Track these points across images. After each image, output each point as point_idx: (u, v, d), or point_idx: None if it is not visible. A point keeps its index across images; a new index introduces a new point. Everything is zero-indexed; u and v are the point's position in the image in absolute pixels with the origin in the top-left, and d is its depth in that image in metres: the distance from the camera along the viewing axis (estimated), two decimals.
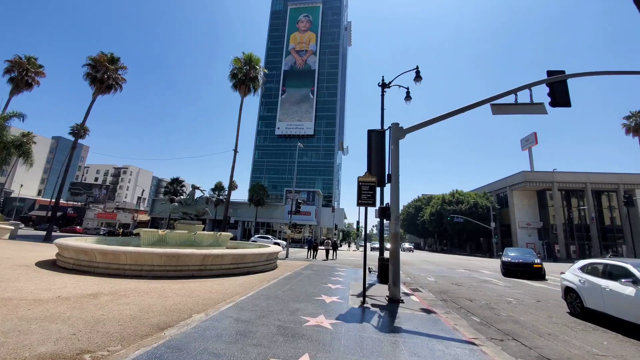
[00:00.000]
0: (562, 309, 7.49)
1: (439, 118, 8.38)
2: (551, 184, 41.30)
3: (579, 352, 4.42)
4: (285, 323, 4.76)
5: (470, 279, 13.27)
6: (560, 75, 8.06)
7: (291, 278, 9.90)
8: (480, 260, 29.79)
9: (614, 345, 4.81)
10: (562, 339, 5.11)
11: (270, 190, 61.34)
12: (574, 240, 40.77)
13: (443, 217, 48.03)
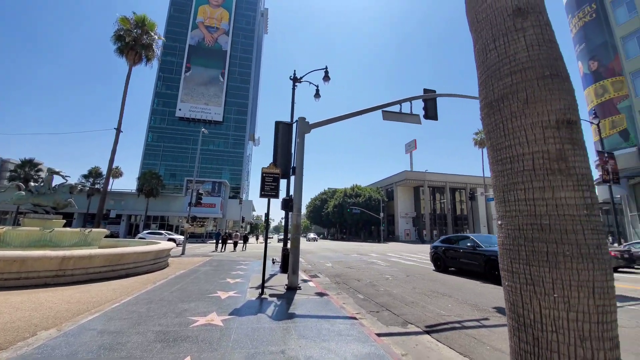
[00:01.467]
0: (424, 281, 9.42)
1: (341, 117, 9.09)
2: (423, 182, 51.08)
3: (432, 315, 5.62)
4: (167, 327, 4.27)
5: (360, 262, 15.12)
6: (430, 95, 9.97)
7: (184, 276, 9.00)
8: (370, 246, 34.36)
9: (455, 307, 6.32)
10: (421, 305, 6.39)
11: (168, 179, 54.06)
12: (436, 226, 51.83)
13: (344, 208, 53.01)
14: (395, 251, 24.26)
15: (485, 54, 2.05)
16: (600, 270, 1.57)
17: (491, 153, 2.02)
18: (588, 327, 1.53)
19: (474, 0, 2.18)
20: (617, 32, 21.15)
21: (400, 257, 18.70)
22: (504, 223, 1.90)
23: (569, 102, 1.77)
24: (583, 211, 1.64)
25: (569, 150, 1.70)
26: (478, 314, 5.67)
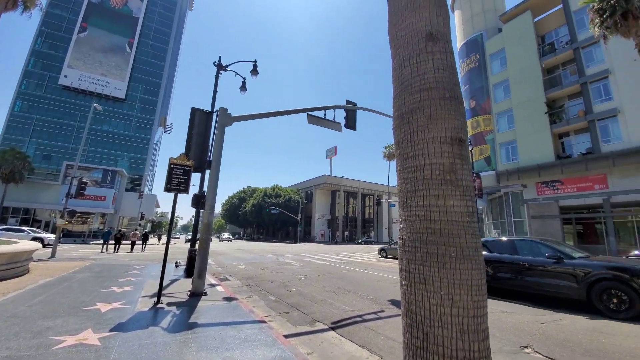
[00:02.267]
0: (334, 279, 9.95)
1: (266, 114, 8.84)
2: (340, 186, 54.73)
3: (338, 311, 5.93)
4: (18, 352, 3.24)
5: (275, 263, 14.99)
6: (351, 106, 10.75)
7: (51, 286, 7.10)
8: (286, 246, 34.65)
9: (358, 302, 6.84)
10: (329, 302, 6.69)
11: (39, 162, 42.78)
12: (347, 227, 56.12)
13: (263, 208, 51.97)
14: (309, 251, 25.07)
15: (401, 69, 2.24)
16: (477, 270, 1.84)
17: (399, 161, 2.20)
18: (467, 321, 1.75)
19: (395, 19, 2.38)
20: (490, 80, 27.36)
21: (314, 257, 19.41)
22: (405, 227, 2.07)
23: (461, 123, 2.07)
24: (466, 218, 1.91)
25: (459, 164, 1.97)
26: (376, 307, 6.29)
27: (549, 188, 21.22)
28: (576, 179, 19.95)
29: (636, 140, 17.66)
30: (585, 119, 20.23)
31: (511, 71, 25.28)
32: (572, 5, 21.72)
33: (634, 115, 18.00)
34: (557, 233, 20.23)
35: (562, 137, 22.58)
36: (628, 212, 18.33)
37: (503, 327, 5.09)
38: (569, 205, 20.30)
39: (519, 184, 22.85)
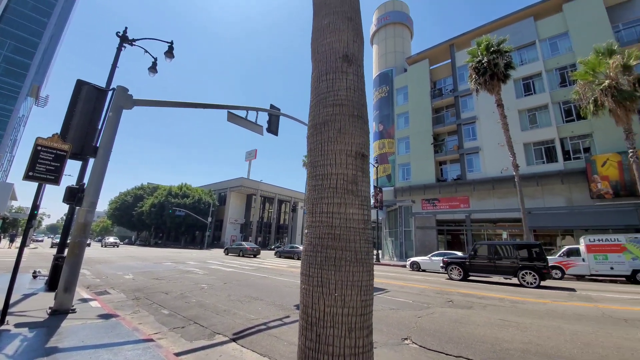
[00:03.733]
0: (241, 287, 9.49)
1: (177, 103, 7.93)
2: (257, 190, 53.37)
3: (241, 321, 5.65)
4: None
5: (174, 272, 13.33)
6: (274, 111, 10.76)
7: None
8: (191, 252, 31.33)
9: (265, 309, 6.68)
10: (232, 312, 6.31)
11: None
12: (261, 233, 54.88)
13: (166, 209, 45.80)
14: (217, 258, 23.33)
15: (319, 82, 2.40)
16: (367, 272, 2.06)
17: (310, 169, 2.32)
18: (355, 320, 1.91)
19: (317, 35, 2.56)
20: (395, 110, 31.96)
21: (222, 263, 18.16)
22: (309, 232, 2.18)
23: (365, 140, 2.33)
24: (362, 225, 2.13)
25: (360, 176, 2.20)
26: (282, 313, 6.30)
27: (430, 204, 25.87)
28: (449, 198, 24.97)
29: (489, 172, 23.41)
30: (458, 153, 25.71)
31: (411, 106, 30.10)
32: (458, 61, 27.58)
33: (489, 154, 23.86)
34: (433, 241, 24.73)
35: (441, 164, 28.04)
36: (481, 226, 23.96)
37: (390, 322, 5.83)
38: (443, 219, 25.20)
39: (410, 199, 27.05)
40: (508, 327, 5.60)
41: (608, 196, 17.94)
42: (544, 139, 21.75)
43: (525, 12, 24.74)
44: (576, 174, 19.59)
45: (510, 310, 7.13)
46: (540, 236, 21.20)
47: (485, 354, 4.22)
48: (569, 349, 4.46)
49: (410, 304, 7.56)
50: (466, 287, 10.92)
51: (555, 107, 21.74)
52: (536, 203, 20.63)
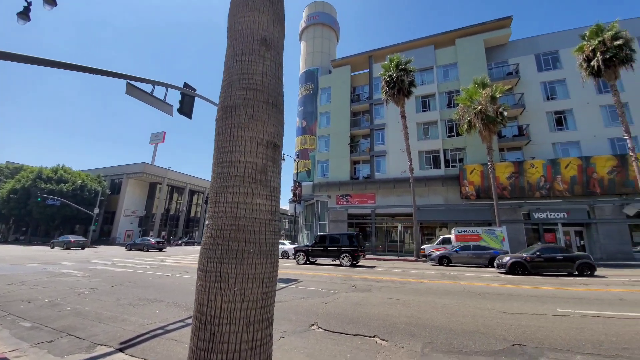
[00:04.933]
0: (136, 288, 8.23)
1: (55, 63, 6.23)
2: (163, 179, 47.21)
3: (133, 327, 4.89)
4: None
5: (42, 275, 10.58)
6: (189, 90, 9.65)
7: None
8: (67, 252, 25.39)
9: (164, 311, 5.95)
10: (121, 318, 5.42)
11: None
12: (166, 227, 48.93)
13: (33, 196, 35.73)
14: (105, 257, 19.63)
15: (233, 62, 2.22)
16: (271, 264, 2.01)
17: (216, 155, 2.13)
18: (254, 313, 1.85)
19: (235, 10, 2.35)
20: (319, 108, 33.19)
21: (112, 263, 15.39)
22: (210, 223, 2.01)
23: (279, 130, 2.26)
24: (269, 216, 2.06)
25: (270, 167, 2.12)
26: (185, 313, 5.78)
27: (343, 200, 28.02)
28: (359, 195, 27.55)
29: (392, 173, 26.80)
30: (369, 154, 28.57)
31: (333, 106, 31.76)
32: (374, 72, 30.42)
33: (393, 157, 27.27)
34: None
35: (355, 163, 30.66)
36: (383, 220, 27.30)
37: (299, 310, 6.07)
38: (354, 213, 27.66)
39: (326, 194, 28.67)
40: (397, 305, 6.60)
41: (472, 197, 23.05)
42: (433, 149, 26.30)
43: (428, 39, 29.19)
44: (452, 179, 24.43)
45: (399, 290, 8.41)
46: (425, 227, 25.66)
47: (378, 329, 4.86)
48: (439, 319, 5.55)
49: (320, 292, 8.05)
50: (369, 273, 12.30)
51: (442, 123, 26.53)
52: (424, 201, 24.82)
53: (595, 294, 7.97)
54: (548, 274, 12.64)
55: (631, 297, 7.46)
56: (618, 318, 5.48)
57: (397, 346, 4.15)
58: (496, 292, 8.24)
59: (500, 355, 3.84)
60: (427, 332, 4.73)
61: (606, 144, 21.97)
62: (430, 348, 4.08)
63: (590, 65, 19.00)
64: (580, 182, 20.67)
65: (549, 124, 23.96)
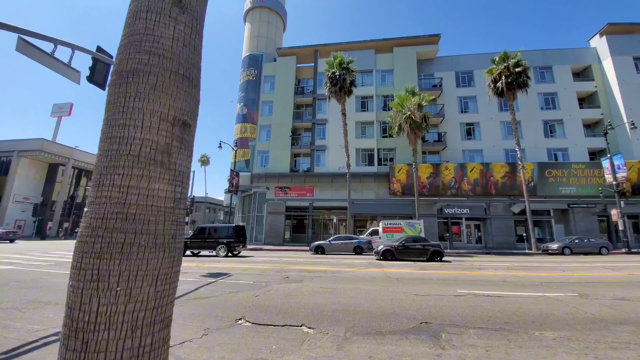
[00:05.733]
0: (26, 289, 6.72)
1: None
2: (68, 159, 39.63)
3: (16, 335, 4.00)
4: None
5: None
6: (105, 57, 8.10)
7: None
8: None
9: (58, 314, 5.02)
10: (2, 325, 4.42)
11: None
12: (70, 217, 41.39)
13: None
14: None
15: (135, 19, 1.87)
16: (169, 258, 1.75)
17: (105, 128, 1.78)
18: (143, 315, 1.59)
19: None
20: (262, 97, 32.02)
21: None
22: (90, 211, 1.67)
23: (191, 107, 1.96)
24: (171, 204, 1.79)
25: (176, 147, 1.83)
26: None
27: (282, 192, 27.90)
28: (298, 187, 27.78)
29: (331, 168, 27.70)
30: (310, 148, 28.95)
31: (276, 96, 31.07)
32: (319, 67, 30.70)
33: (332, 152, 28.17)
34: (281, 225, 26.92)
35: (296, 156, 30.74)
36: (320, 213, 28.14)
37: (227, 305, 5.83)
38: (292, 205, 27.81)
39: (265, 186, 28.12)
40: (326, 293, 6.90)
41: (399, 194, 25.49)
42: (368, 147, 28.12)
43: (370, 43, 30.76)
44: (383, 176, 26.58)
45: (330, 279, 8.81)
46: (358, 220, 27.42)
47: (306, 318, 5.00)
48: (363, 304, 6.00)
49: (251, 285, 7.88)
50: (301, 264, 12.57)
51: (378, 124, 28.51)
52: (358, 195, 26.45)
53: (486, 277, 9.69)
54: (411, 259, 15.12)
55: (513, 279, 9.29)
56: (502, 297, 6.75)
57: (322, 333, 4.34)
58: (412, 277, 9.33)
59: (410, 333, 4.35)
60: (351, 317, 5.07)
61: (502, 153, 26.72)
62: (352, 332, 4.38)
63: (496, 86, 22.76)
64: (481, 184, 24.75)
65: (461, 133, 27.93)
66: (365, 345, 3.89)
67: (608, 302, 6.09)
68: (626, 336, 4.15)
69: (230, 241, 15.90)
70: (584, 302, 6.13)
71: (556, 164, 24.97)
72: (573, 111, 27.16)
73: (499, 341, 4.05)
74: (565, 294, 6.85)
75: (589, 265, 12.79)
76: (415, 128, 22.48)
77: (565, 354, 3.59)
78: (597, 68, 27.82)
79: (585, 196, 23.79)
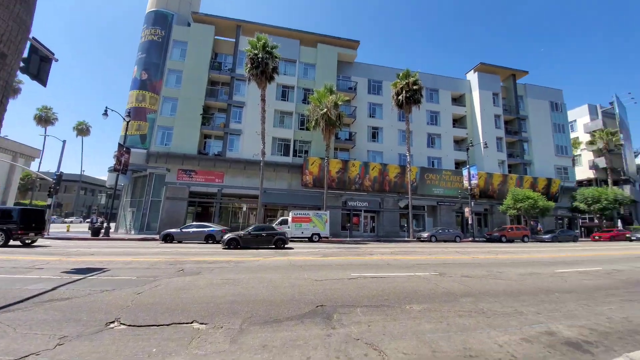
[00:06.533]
0: None
1: None
2: None
3: None
4: None
5: None
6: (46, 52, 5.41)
7: None
8: None
9: None
10: None
11: None
12: None
13: None
14: None
15: None
16: None
17: None
18: None
19: None
20: (168, 64, 27.44)
21: None
22: None
23: (11, 30, 1.52)
24: None
25: None
26: None
27: (186, 175, 25.07)
28: (207, 172, 25.51)
29: (245, 154, 26.44)
30: (223, 130, 26.87)
31: (187, 66, 27.38)
32: (241, 45, 28.52)
33: (248, 138, 26.87)
34: (182, 212, 24.24)
35: (206, 137, 28.06)
36: (230, 200, 26.60)
37: (97, 307, 4.81)
38: (197, 191, 25.34)
39: (165, 167, 24.69)
40: (225, 285, 6.55)
41: (310, 185, 26.53)
42: (285, 137, 28.12)
43: (296, 33, 30.46)
44: (297, 167, 27.14)
45: (232, 270, 8.42)
46: (269, 210, 27.25)
47: (198, 313, 4.59)
48: (264, 292, 5.94)
49: (134, 281, 6.75)
50: (199, 255, 11.59)
51: (296, 116, 28.79)
52: (271, 184, 26.23)
53: (375, 261, 11.10)
54: (256, 247, 14.95)
55: (394, 262, 10.92)
56: (385, 277, 7.84)
57: (216, 327, 4.07)
58: (315, 264, 9.86)
59: (306, 317, 4.55)
60: (250, 307, 4.95)
61: (397, 156, 31.06)
62: (249, 322, 4.27)
63: (398, 98, 26.18)
64: (379, 181, 28.24)
65: (368, 135, 31.08)
66: (262, 334, 3.85)
67: (458, 279, 7.87)
68: (469, 306, 5.43)
69: (12, 227, 13.45)
70: (442, 279, 7.74)
71: (433, 169, 30.72)
72: (448, 129, 33.86)
73: (379, 316, 4.68)
74: (430, 273, 8.50)
75: (447, 250, 16.30)
76: (330, 125, 23.68)
77: (427, 323, 4.42)
78: (469, 97, 35.39)
79: (449, 196, 30.17)
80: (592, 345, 3.73)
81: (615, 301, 5.88)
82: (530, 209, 27.43)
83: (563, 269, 9.84)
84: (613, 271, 9.53)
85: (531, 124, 36.43)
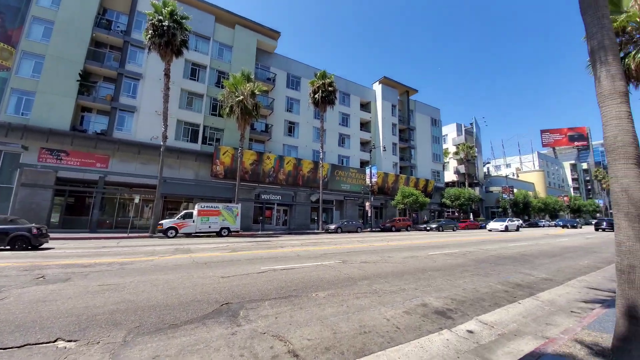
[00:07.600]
0: None
1: None
2: None
3: None
4: None
5: None
6: None
7: None
8: None
9: None
10: None
11: None
12: None
13: None
14: None
15: None
16: None
17: None
18: None
19: None
20: (33, 9, 20.41)
21: None
22: None
23: None
24: None
25: None
26: None
27: (52, 157, 19.63)
28: (83, 153, 20.58)
29: (140, 136, 22.51)
30: (110, 105, 22.13)
31: (61, 16, 21.27)
32: (140, 5, 23.90)
33: (144, 118, 22.95)
34: (46, 203, 18.94)
35: (84, 110, 22.56)
36: (117, 189, 22.22)
37: None
38: (68, 177, 20.16)
39: (21, 144, 18.74)
40: (105, 292, 5.43)
41: (221, 176, 24.77)
42: (193, 122, 25.34)
43: (211, 7, 27.58)
44: (206, 156, 24.91)
45: (115, 274, 7.06)
46: (170, 202, 24.14)
47: (65, 329, 3.67)
48: (157, 297, 5.20)
49: None
50: (70, 258, 9.31)
51: (208, 99, 26.30)
52: (173, 173, 23.26)
53: (285, 253, 11.24)
54: None
55: (303, 253, 11.31)
56: (294, 268, 8.03)
57: (90, 344, 3.33)
58: (222, 260, 9.27)
59: (208, 318, 4.23)
60: (138, 316, 4.25)
61: (311, 152, 32.27)
62: (136, 333, 3.67)
63: (314, 97, 27.09)
64: (293, 175, 28.79)
65: (284, 129, 31.17)
66: (152, 344, 3.38)
67: (357, 265, 8.78)
68: (365, 288, 6.10)
69: None
70: (344, 266, 8.49)
71: (342, 167, 33.32)
72: (356, 131, 37.27)
73: (286, 307, 4.77)
74: (334, 262, 9.20)
75: (350, 240, 18.01)
76: (246, 114, 22.58)
77: (330, 307, 4.76)
78: (374, 105, 39.71)
79: (354, 192, 33.36)
80: (453, 312, 4.78)
81: (468, 275, 7.69)
82: (413, 204, 33.03)
83: (433, 252, 12.25)
84: (467, 252, 12.43)
85: (417, 134, 43.82)
